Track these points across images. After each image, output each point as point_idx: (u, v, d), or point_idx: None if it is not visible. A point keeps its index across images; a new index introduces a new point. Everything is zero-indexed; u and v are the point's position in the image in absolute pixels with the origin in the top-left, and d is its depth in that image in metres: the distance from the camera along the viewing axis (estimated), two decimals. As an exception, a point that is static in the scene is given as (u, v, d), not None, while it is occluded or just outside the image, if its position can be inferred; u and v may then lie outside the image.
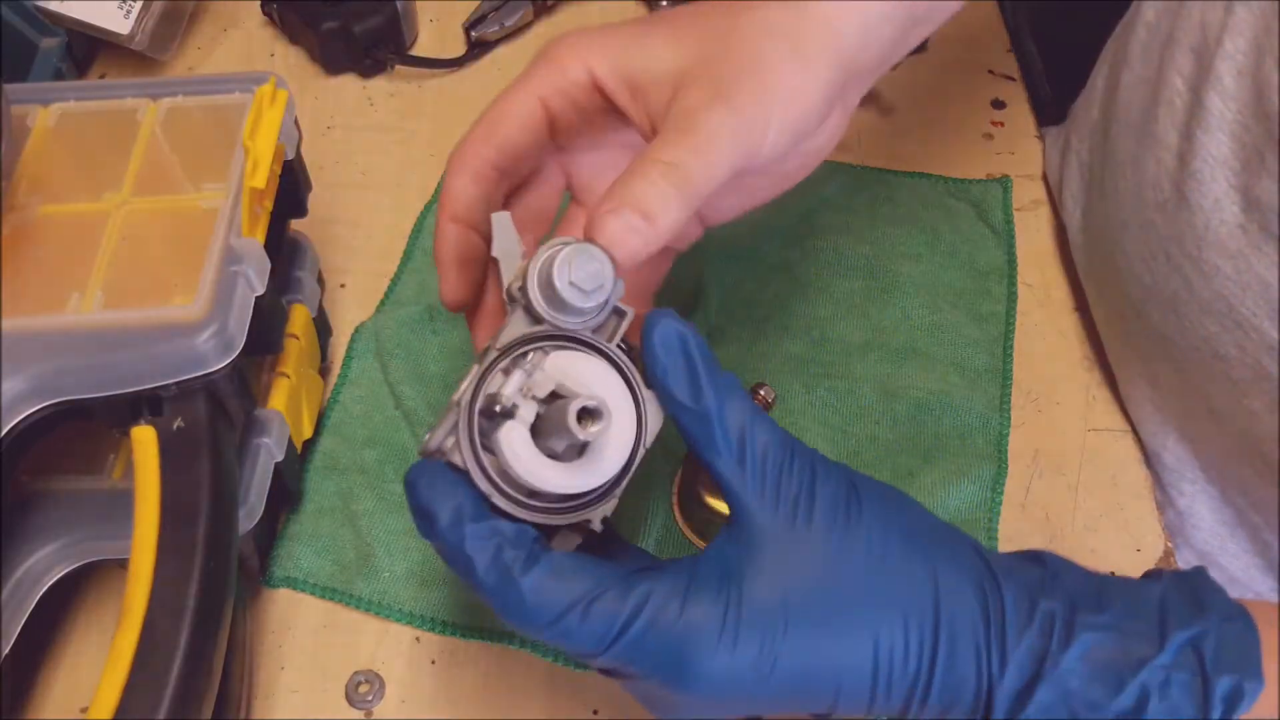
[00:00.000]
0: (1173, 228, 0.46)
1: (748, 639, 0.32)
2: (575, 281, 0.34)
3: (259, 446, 0.46)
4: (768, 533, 0.33)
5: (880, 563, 0.34)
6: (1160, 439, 0.51)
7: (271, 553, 0.49)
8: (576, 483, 0.33)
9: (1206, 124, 0.44)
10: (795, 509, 0.34)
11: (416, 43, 0.71)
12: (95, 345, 0.40)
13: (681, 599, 0.32)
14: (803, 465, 0.34)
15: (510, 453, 0.32)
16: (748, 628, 0.32)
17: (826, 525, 0.34)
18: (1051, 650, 0.33)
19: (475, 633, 0.46)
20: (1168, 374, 0.49)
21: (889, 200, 0.61)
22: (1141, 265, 0.49)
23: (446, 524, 0.33)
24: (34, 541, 0.43)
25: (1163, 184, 0.47)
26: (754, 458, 0.34)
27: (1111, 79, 0.55)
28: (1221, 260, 0.44)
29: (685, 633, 0.32)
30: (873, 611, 0.33)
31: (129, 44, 0.65)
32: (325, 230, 0.60)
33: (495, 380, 0.34)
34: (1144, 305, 0.49)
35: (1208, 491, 0.51)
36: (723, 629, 0.32)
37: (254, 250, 0.43)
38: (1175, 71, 0.47)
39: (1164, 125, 0.47)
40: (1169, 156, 0.47)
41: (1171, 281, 0.47)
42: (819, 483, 0.34)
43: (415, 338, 0.55)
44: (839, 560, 0.33)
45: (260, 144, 0.44)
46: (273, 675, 0.46)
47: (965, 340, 0.55)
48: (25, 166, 0.46)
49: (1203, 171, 0.44)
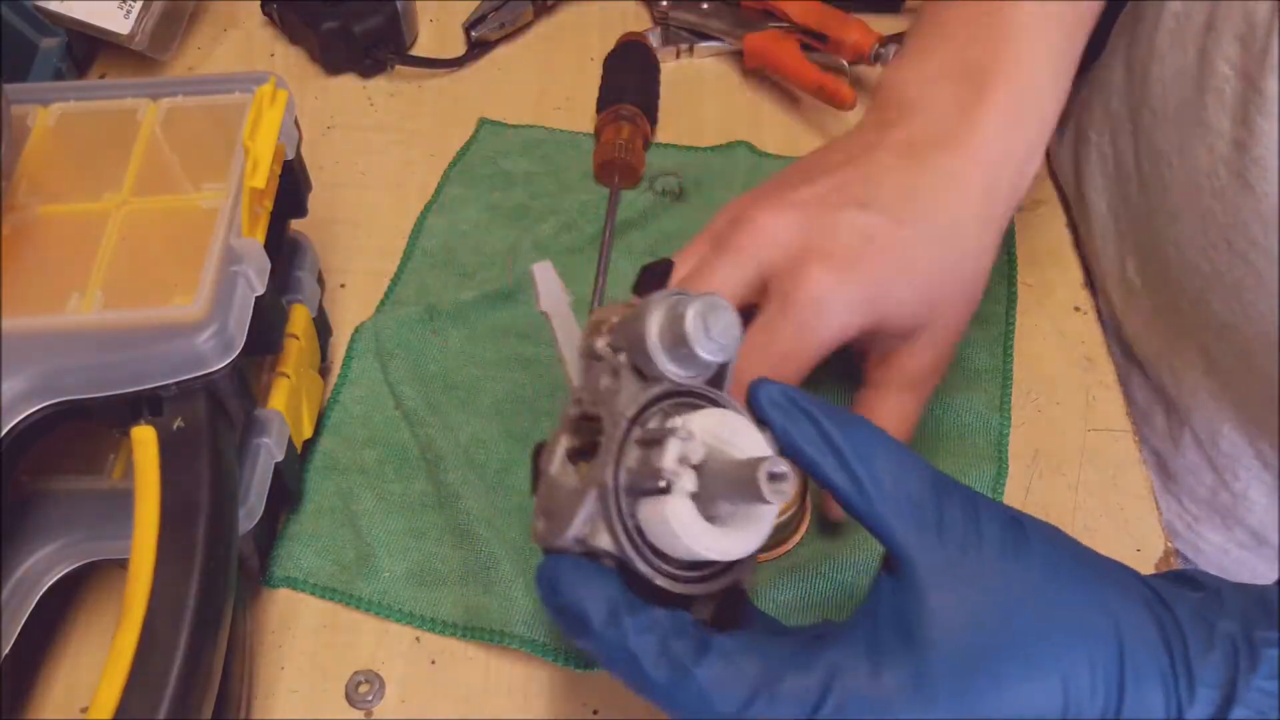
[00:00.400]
0: (1234, 215, 0.46)
1: (944, 695, 0.30)
2: (715, 336, 0.32)
3: (259, 446, 0.46)
4: (937, 577, 0.31)
5: (1055, 596, 0.32)
6: (1215, 425, 0.51)
7: (271, 553, 0.49)
8: (745, 546, 0.31)
9: (1266, 110, 0.44)
10: (963, 549, 0.32)
11: (416, 43, 0.71)
12: (95, 345, 0.40)
13: (868, 664, 0.31)
14: (962, 502, 0.33)
15: (680, 527, 0.30)
16: (943, 684, 0.30)
17: (996, 562, 0.32)
18: (1241, 671, 0.31)
19: (475, 633, 0.46)
20: (1230, 362, 0.49)
21: (889, 200, 0.61)
22: (1199, 255, 0.48)
23: (602, 623, 0.31)
24: (34, 541, 0.43)
25: (1218, 172, 0.47)
26: (910, 501, 0.32)
27: (1135, 71, 0.54)
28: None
29: (880, 702, 0.30)
30: (1057, 649, 0.31)
31: (129, 44, 0.65)
32: (325, 230, 0.60)
33: (633, 453, 0.31)
34: (1203, 294, 0.49)
35: (1262, 475, 0.51)
36: (917, 689, 0.30)
37: (254, 250, 0.43)
38: (1222, 59, 0.47)
39: (1214, 113, 0.47)
40: (1222, 144, 0.46)
41: (1235, 269, 0.47)
42: (982, 520, 0.32)
43: (415, 338, 0.55)
44: (1015, 598, 0.32)
45: (260, 144, 0.44)
46: (273, 675, 0.46)
47: (965, 340, 0.55)
48: (25, 166, 0.46)
49: (1265, 158, 0.44)
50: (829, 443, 0.32)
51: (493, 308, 0.57)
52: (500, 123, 0.66)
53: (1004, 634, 0.31)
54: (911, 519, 0.32)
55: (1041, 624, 0.31)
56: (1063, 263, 0.59)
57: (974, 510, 0.33)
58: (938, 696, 0.30)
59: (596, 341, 0.34)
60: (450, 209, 0.62)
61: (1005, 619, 0.31)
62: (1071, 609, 0.32)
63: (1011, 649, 0.31)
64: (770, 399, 0.33)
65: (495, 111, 0.67)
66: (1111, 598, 0.32)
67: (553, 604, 0.32)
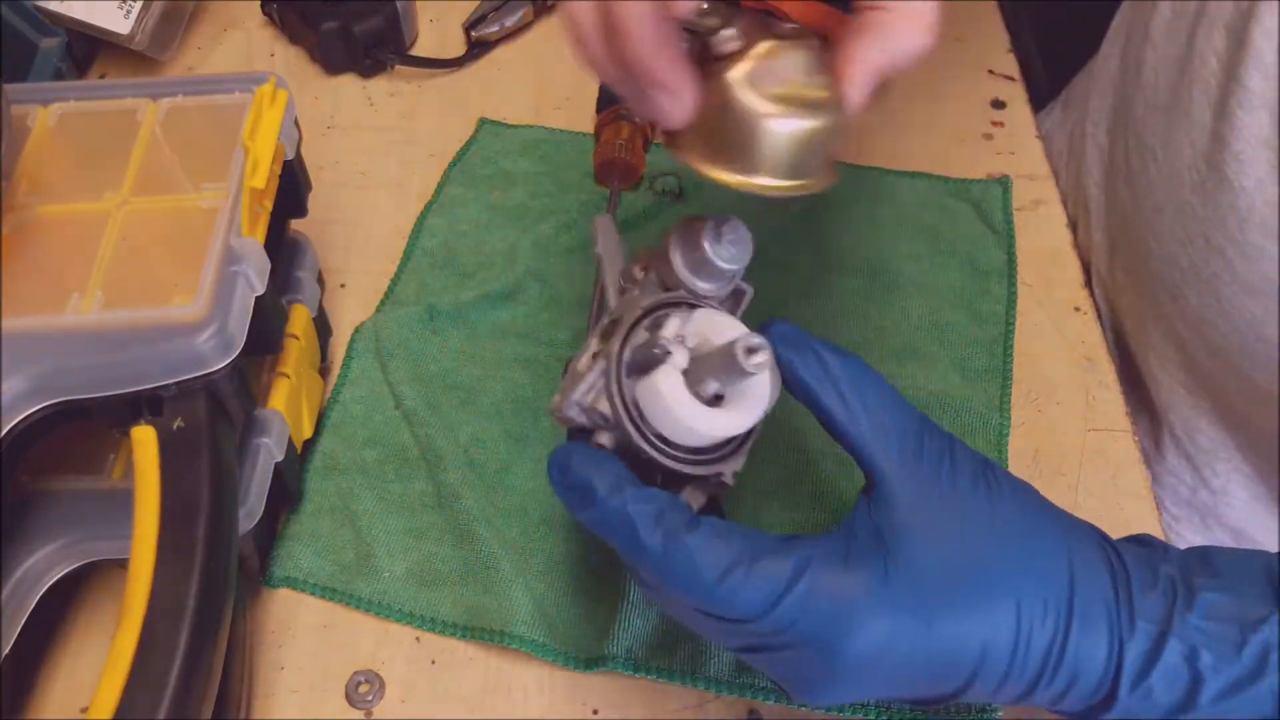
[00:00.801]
0: (1212, 209, 0.46)
1: (905, 602, 0.33)
2: (728, 243, 0.36)
3: (259, 446, 0.46)
4: (910, 496, 0.34)
5: (1017, 532, 0.34)
6: (1193, 422, 0.51)
7: (271, 553, 0.49)
8: (729, 425, 0.35)
9: (1246, 103, 0.44)
10: (938, 473, 0.34)
11: (416, 43, 0.71)
12: (95, 345, 0.40)
13: (841, 563, 0.33)
14: (941, 440, 0.35)
15: (670, 395, 0.34)
16: (905, 591, 0.33)
17: (970, 490, 0.34)
18: (1177, 609, 0.33)
19: (475, 633, 0.46)
20: (1205, 357, 0.49)
21: (889, 200, 0.61)
22: (1178, 248, 0.48)
23: (606, 492, 0.34)
24: (34, 541, 0.43)
25: (1199, 165, 0.47)
26: (893, 428, 0.35)
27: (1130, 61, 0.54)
28: (1265, 241, 0.44)
29: (846, 596, 0.33)
30: (1015, 578, 0.34)
31: (129, 44, 0.65)
32: (325, 230, 0.60)
33: (640, 336, 0.36)
34: (1180, 289, 0.49)
35: (1242, 470, 0.51)
36: (882, 591, 0.33)
37: (254, 250, 0.43)
38: (1210, 50, 0.47)
39: (1198, 106, 0.47)
40: (1203, 138, 0.46)
41: (1212, 264, 0.47)
42: (957, 452, 0.35)
43: (415, 338, 0.55)
44: (980, 527, 0.34)
45: (260, 144, 0.44)
46: (273, 675, 0.46)
47: (965, 340, 0.55)
48: (25, 166, 0.46)
49: (1244, 152, 0.44)
50: (826, 372, 0.36)
51: (493, 308, 0.57)
52: (500, 123, 0.66)
53: (967, 557, 0.34)
54: (893, 444, 0.35)
55: (1002, 554, 0.34)
56: (1063, 263, 0.59)
57: (951, 448, 0.35)
58: (899, 601, 0.33)
59: (634, 268, 0.38)
60: (450, 209, 0.62)
61: (969, 544, 0.34)
62: (1031, 545, 0.35)
63: (973, 572, 0.33)
64: (780, 334, 0.36)
65: (495, 111, 0.67)
66: (1068, 539, 0.35)
67: (562, 483, 0.35)
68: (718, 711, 0.45)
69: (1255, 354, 0.45)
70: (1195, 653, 0.33)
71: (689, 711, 0.45)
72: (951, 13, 0.73)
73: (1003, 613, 0.33)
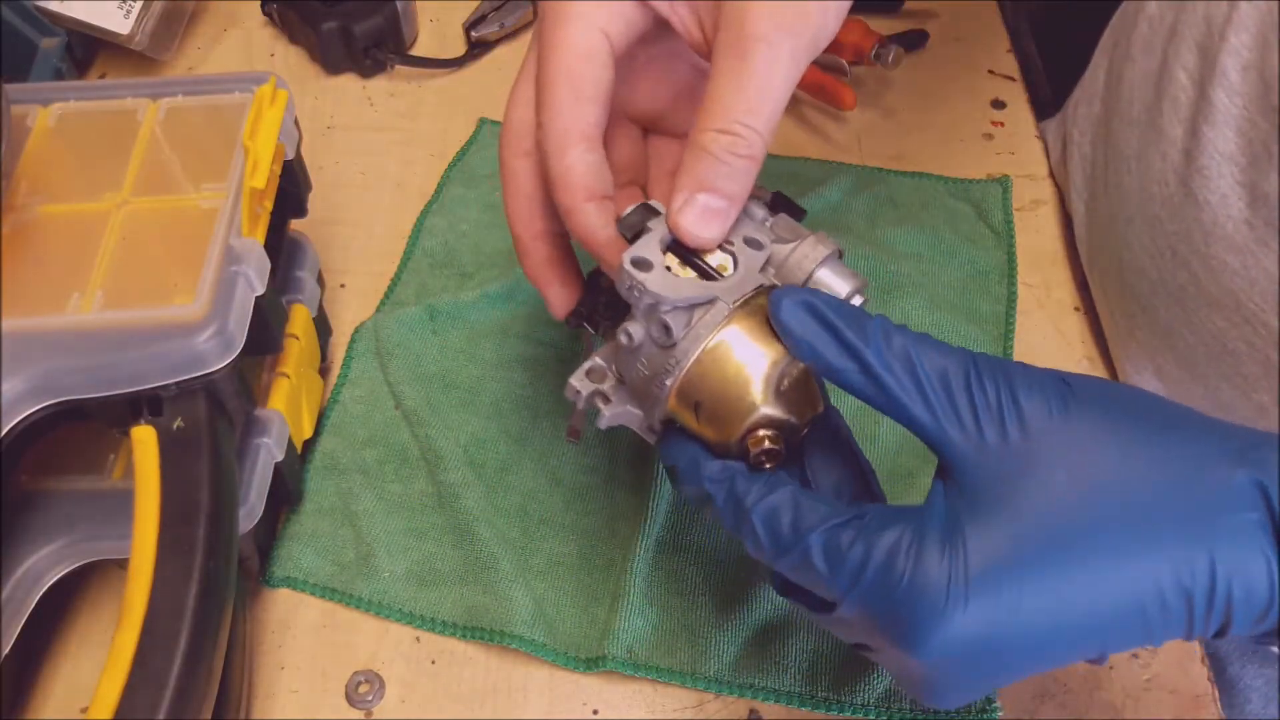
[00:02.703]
0: (1179, 223, 0.46)
1: (980, 593, 0.29)
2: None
3: (259, 446, 0.46)
4: (977, 462, 0.30)
5: (1121, 473, 0.29)
6: None
7: (271, 553, 0.49)
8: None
9: (1212, 119, 0.44)
10: (1002, 428, 0.30)
11: (416, 43, 0.71)
12: (95, 345, 0.40)
13: (912, 548, 0.30)
14: (994, 377, 0.31)
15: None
16: (978, 581, 0.29)
17: (1042, 437, 0.29)
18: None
19: (475, 633, 0.46)
20: (1174, 368, 0.49)
21: (889, 200, 0.61)
22: (1148, 260, 0.49)
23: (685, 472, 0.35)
24: (34, 541, 0.43)
25: (1168, 179, 0.47)
26: (933, 389, 0.31)
27: (1113, 73, 0.55)
28: (1229, 255, 0.44)
29: (912, 594, 0.29)
30: (1130, 532, 0.28)
31: (129, 44, 0.65)
32: (325, 230, 0.60)
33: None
34: (1150, 300, 0.49)
35: None
36: (949, 584, 0.29)
37: (254, 250, 0.43)
38: (1180, 66, 0.47)
39: (1169, 120, 0.47)
40: (1174, 152, 0.47)
41: (1178, 276, 0.47)
42: (1020, 392, 0.30)
43: (415, 338, 0.55)
44: (1065, 478, 0.29)
45: (260, 144, 0.44)
46: (273, 675, 0.46)
47: (965, 340, 0.55)
48: (25, 166, 0.46)
49: (1209, 167, 0.44)
50: (851, 352, 0.32)
51: (493, 308, 0.57)
52: (500, 123, 0.66)
53: (1058, 523, 0.29)
54: (942, 408, 0.31)
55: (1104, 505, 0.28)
56: (1062, 263, 0.59)
57: (1009, 383, 0.31)
58: (970, 598, 0.29)
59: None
60: (450, 209, 0.62)
61: (1058, 503, 0.29)
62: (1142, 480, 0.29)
63: (1069, 541, 0.29)
64: (790, 312, 0.33)
65: (495, 111, 0.67)
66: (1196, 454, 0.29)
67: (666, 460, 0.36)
68: (718, 711, 0.45)
69: (1220, 366, 0.46)
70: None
71: (689, 711, 0.45)
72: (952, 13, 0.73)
73: (1118, 581, 0.28)
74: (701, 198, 0.34)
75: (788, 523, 0.32)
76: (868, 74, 0.68)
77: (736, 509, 0.33)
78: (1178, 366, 0.49)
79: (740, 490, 0.33)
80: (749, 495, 0.33)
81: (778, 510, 0.32)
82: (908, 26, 0.70)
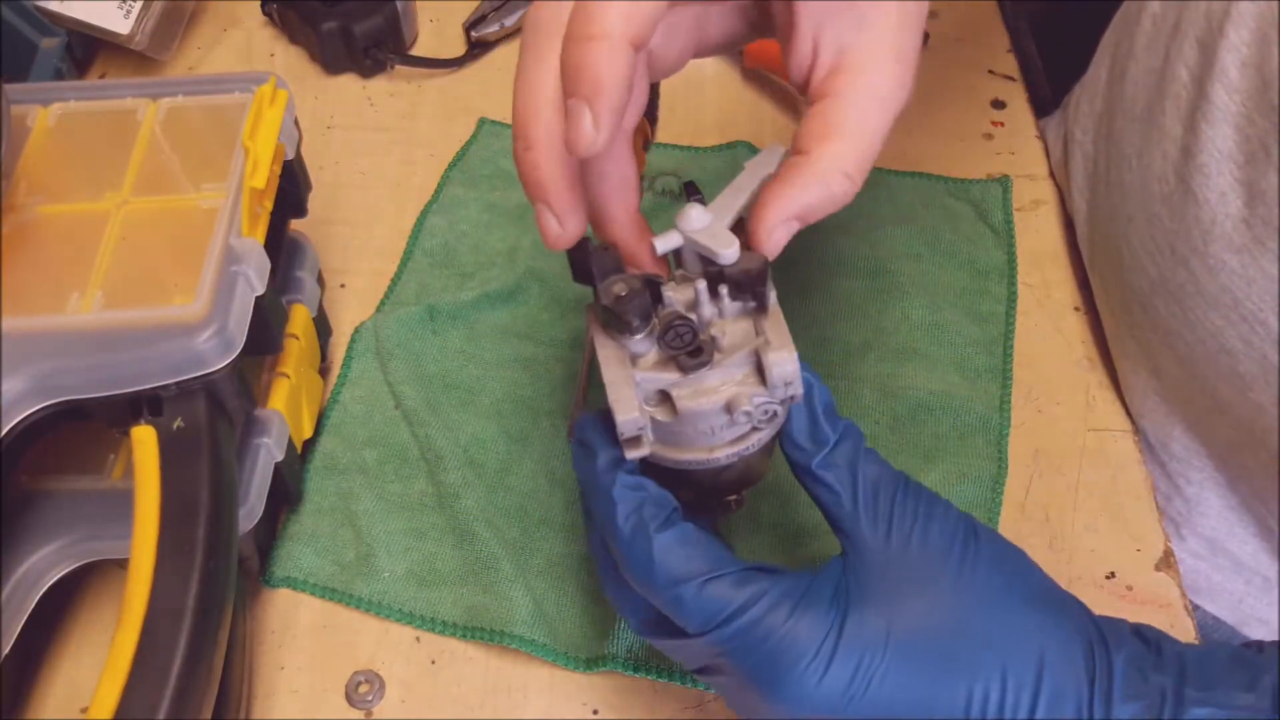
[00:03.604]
0: (1178, 221, 0.46)
1: (844, 661, 0.32)
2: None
3: (259, 446, 0.46)
4: (878, 560, 0.34)
5: (987, 607, 0.33)
6: (1166, 429, 0.51)
7: (271, 553, 0.49)
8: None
9: (1211, 117, 0.44)
10: (908, 540, 0.34)
11: (416, 43, 0.71)
12: (95, 345, 0.40)
13: (791, 607, 0.33)
14: (918, 500, 0.35)
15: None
16: (846, 650, 0.33)
17: (939, 559, 0.34)
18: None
19: (475, 633, 0.46)
20: (1173, 367, 0.49)
21: (889, 200, 0.61)
22: (1147, 258, 0.49)
23: (603, 466, 0.35)
24: (34, 541, 0.43)
25: (1168, 177, 0.47)
26: (865, 490, 0.35)
27: (1115, 71, 0.55)
28: (1227, 254, 0.44)
29: (787, 642, 0.33)
30: (974, 655, 0.33)
31: (129, 44, 0.65)
32: (325, 230, 0.60)
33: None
34: (1149, 298, 0.49)
35: (1215, 478, 0.51)
36: (820, 647, 0.33)
37: (254, 250, 0.43)
38: (1181, 63, 0.47)
39: (1170, 118, 0.47)
40: (1174, 149, 0.47)
41: (1177, 275, 0.47)
42: (934, 519, 0.34)
43: (415, 338, 0.55)
44: (945, 598, 0.33)
45: (260, 144, 0.44)
46: (273, 675, 0.46)
47: (965, 340, 0.55)
48: (25, 166, 0.46)
49: (1208, 165, 0.44)
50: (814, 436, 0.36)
51: (493, 308, 0.57)
52: (500, 123, 0.66)
53: (923, 629, 0.33)
54: (865, 507, 0.35)
55: (963, 630, 0.33)
56: (1062, 263, 0.59)
57: (928, 509, 0.35)
58: (834, 661, 0.32)
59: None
60: (450, 209, 0.62)
61: (929, 615, 0.33)
62: (999, 624, 0.33)
63: (926, 645, 0.33)
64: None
65: (495, 111, 0.67)
66: (1049, 624, 0.34)
67: (577, 436, 0.37)
68: (718, 711, 0.45)
69: (1218, 365, 0.46)
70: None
71: (689, 711, 0.45)
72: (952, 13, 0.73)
73: (951, 690, 0.32)
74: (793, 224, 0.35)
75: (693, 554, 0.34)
76: (868, 74, 0.68)
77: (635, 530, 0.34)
78: (1176, 366, 0.49)
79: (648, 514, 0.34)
80: (654, 520, 0.34)
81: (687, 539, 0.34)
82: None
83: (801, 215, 0.35)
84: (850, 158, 0.35)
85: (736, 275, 0.34)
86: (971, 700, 0.32)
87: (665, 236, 0.36)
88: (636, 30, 0.31)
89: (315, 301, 0.52)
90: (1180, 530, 0.53)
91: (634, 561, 0.34)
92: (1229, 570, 0.53)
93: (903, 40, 0.35)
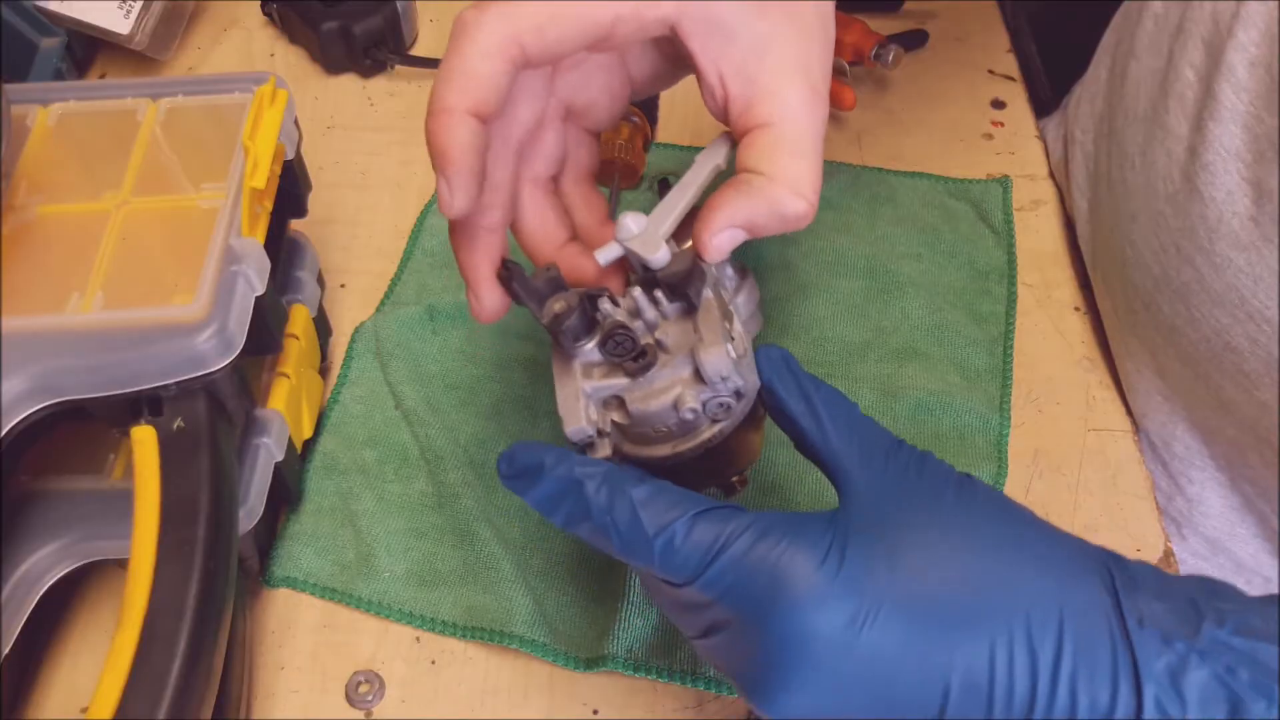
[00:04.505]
0: (1184, 220, 0.46)
1: (852, 601, 0.30)
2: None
3: (259, 446, 0.46)
4: (879, 497, 0.33)
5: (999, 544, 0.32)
6: (1169, 429, 0.51)
7: (271, 553, 0.49)
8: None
9: (1218, 115, 0.44)
10: (906, 477, 0.33)
11: (416, 43, 0.71)
12: (95, 345, 0.40)
13: (786, 529, 0.32)
14: (913, 455, 0.34)
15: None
16: (856, 588, 0.30)
17: (943, 497, 0.32)
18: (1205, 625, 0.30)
19: (475, 633, 0.46)
20: (1177, 365, 0.49)
21: (889, 200, 0.61)
22: (1151, 257, 0.49)
23: (552, 463, 0.34)
24: (34, 541, 0.43)
25: (1173, 175, 0.47)
26: (862, 443, 0.34)
27: (1116, 71, 0.55)
28: (1233, 252, 0.44)
29: (786, 558, 0.31)
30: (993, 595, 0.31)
31: (129, 44, 0.65)
32: (325, 230, 0.60)
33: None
34: (1154, 297, 0.49)
35: (1216, 478, 0.51)
36: (832, 580, 0.31)
37: (254, 250, 0.43)
38: (1186, 63, 0.47)
39: (1175, 117, 0.47)
40: (1179, 148, 0.47)
41: (1183, 273, 0.47)
42: (929, 463, 0.34)
43: (415, 338, 0.55)
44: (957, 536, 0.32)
45: (260, 144, 0.44)
46: (273, 675, 0.46)
47: (965, 340, 0.55)
48: (25, 166, 0.46)
49: (1215, 163, 0.44)
50: (803, 393, 0.35)
51: (493, 308, 0.57)
52: (500, 123, 0.66)
53: (936, 567, 0.31)
54: (860, 451, 0.34)
55: (979, 568, 0.31)
56: (1062, 263, 0.59)
57: (923, 461, 0.34)
58: (846, 596, 0.30)
59: None
60: (450, 209, 0.62)
61: (939, 553, 0.31)
62: (1013, 559, 0.31)
63: (942, 582, 0.31)
64: (768, 357, 0.36)
65: (495, 111, 0.67)
66: (1060, 555, 0.32)
67: (509, 473, 0.35)
68: (718, 711, 0.45)
69: (1223, 363, 0.46)
70: (1232, 671, 0.29)
71: (689, 711, 0.45)
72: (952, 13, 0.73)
73: (976, 633, 0.30)
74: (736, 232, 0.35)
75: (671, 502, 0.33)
76: (867, 74, 0.68)
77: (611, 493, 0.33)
78: (1180, 364, 0.49)
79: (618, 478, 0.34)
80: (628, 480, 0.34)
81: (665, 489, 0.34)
82: (908, 26, 0.70)
83: (747, 226, 0.35)
84: (805, 180, 0.35)
85: (667, 279, 0.36)
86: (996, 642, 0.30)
87: (605, 249, 0.38)
88: (473, 101, 0.33)
89: (315, 301, 0.52)
90: (1181, 530, 0.53)
91: (617, 522, 0.33)
92: (1230, 570, 0.53)
93: (809, 56, 0.36)
